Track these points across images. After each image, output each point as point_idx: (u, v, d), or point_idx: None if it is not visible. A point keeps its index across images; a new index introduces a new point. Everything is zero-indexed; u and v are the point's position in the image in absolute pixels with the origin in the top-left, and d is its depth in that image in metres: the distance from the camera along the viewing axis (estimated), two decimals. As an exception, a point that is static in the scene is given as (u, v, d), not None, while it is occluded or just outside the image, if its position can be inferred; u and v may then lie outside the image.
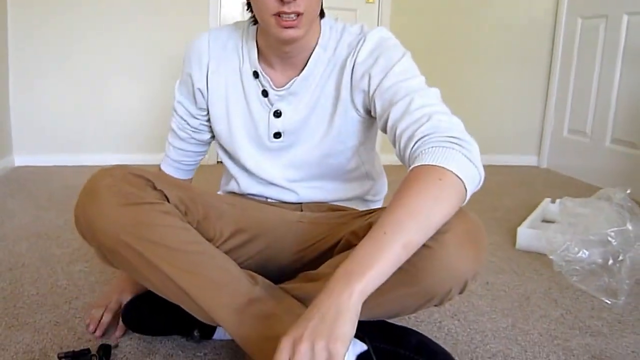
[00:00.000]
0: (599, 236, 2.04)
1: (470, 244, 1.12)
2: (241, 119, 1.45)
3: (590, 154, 3.69)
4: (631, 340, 1.59)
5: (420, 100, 1.21)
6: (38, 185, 3.04)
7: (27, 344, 1.44)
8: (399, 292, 1.17)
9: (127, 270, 1.26)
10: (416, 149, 1.13)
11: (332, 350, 0.90)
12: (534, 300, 1.84)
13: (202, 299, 1.22)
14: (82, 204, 1.21)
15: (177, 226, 1.24)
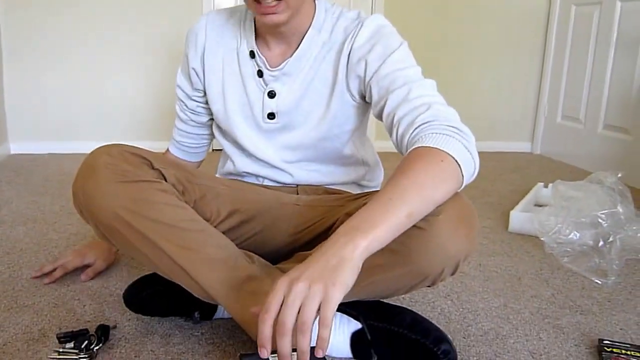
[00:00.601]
0: (590, 218, 2.07)
1: (462, 226, 1.15)
2: (237, 99, 1.47)
3: (583, 140, 3.72)
4: (620, 318, 1.62)
5: (419, 90, 1.25)
6: (34, 172, 3.05)
7: (26, 325, 1.46)
8: (392, 272, 1.19)
9: (124, 248, 1.27)
10: (416, 135, 1.16)
11: (329, 293, 0.91)
12: (525, 280, 1.87)
13: (199, 276, 1.24)
14: (80, 181, 1.22)
15: (174, 204, 1.26)
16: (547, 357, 1.41)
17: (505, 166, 3.66)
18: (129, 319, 1.51)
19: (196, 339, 1.43)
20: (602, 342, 1.44)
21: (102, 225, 1.23)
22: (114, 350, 1.36)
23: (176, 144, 1.65)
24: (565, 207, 2.15)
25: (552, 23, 4.04)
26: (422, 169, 1.07)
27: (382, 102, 1.29)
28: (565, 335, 1.52)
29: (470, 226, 1.16)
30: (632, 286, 1.85)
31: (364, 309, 1.36)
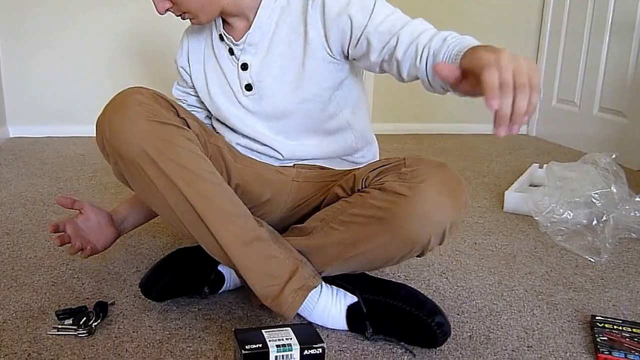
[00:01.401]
0: (584, 198, 2.09)
1: (446, 192, 1.17)
2: (217, 81, 1.49)
3: (578, 123, 3.72)
4: (613, 295, 1.64)
5: (424, 23, 1.30)
6: (32, 155, 3.05)
7: (25, 303, 1.47)
8: (378, 240, 1.22)
9: (141, 188, 1.27)
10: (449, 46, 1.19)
11: (530, 63, 0.90)
12: (519, 258, 1.88)
13: (214, 225, 1.26)
14: (109, 116, 1.23)
15: (197, 153, 1.27)
16: (540, 333, 1.42)
17: (501, 148, 3.66)
18: (126, 295, 1.52)
19: (193, 315, 1.44)
20: (594, 318, 1.46)
21: (125, 161, 1.23)
22: (112, 326, 1.38)
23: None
24: (559, 187, 2.16)
25: (547, 6, 4.02)
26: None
27: (392, 42, 1.27)
28: (558, 312, 1.53)
29: (454, 194, 1.18)
30: (624, 264, 1.86)
31: (359, 283, 1.38)
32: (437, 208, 1.16)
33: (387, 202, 1.18)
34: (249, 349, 1.00)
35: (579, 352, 1.35)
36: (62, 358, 1.24)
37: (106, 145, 1.25)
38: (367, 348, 1.32)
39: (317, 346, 1.03)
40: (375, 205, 1.20)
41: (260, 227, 1.32)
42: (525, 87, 0.87)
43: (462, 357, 1.30)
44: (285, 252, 1.31)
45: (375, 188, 1.23)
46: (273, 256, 1.29)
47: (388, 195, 1.19)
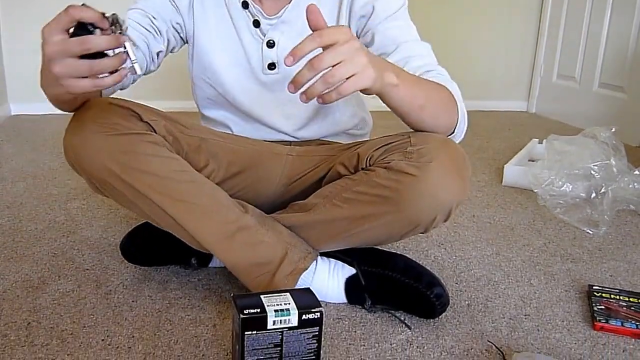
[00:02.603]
0: (583, 170, 2.07)
1: (454, 172, 1.15)
2: (232, 52, 1.43)
3: (578, 99, 3.70)
4: (610, 266, 1.63)
5: (427, 50, 1.33)
6: (34, 131, 3.05)
7: (25, 274, 1.47)
8: (384, 219, 1.20)
9: (118, 199, 1.26)
10: (436, 79, 1.23)
11: (366, 72, 0.96)
12: (518, 231, 1.87)
13: (191, 226, 1.24)
14: (69, 135, 1.20)
15: (164, 156, 1.24)
16: (538, 302, 1.42)
17: (501, 124, 3.65)
18: (127, 266, 1.52)
19: (193, 285, 1.43)
20: (591, 288, 1.45)
21: (94, 179, 1.22)
22: (112, 296, 1.37)
23: None
24: (558, 160, 2.15)
25: (549, -17, 3.99)
26: (442, 91, 1.21)
27: (389, 49, 1.31)
28: (555, 282, 1.53)
29: (462, 173, 1.17)
30: (622, 236, 1.85)
31: (358, 255, 1.37)
32: (445, 187, 1.14)
33: (394, 182, 1.15)
34: (247, 313, 1.00)
35: (576, 320, 1.34)
36: (62, 326, 1.24)
37: (74, 164, 1.22)
38: (366, 316, 1.32)
39: (315, 310, 1.03)
40: (381, 184, 1.18)
41: (245, 214, 1.29)
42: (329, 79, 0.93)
43: (460, 324, 1.30)
44: (274, 236, 1.28)
45: (381, 167, 1.19)
46: (260, 241, 1.26)
47: (395, 175, 1.16)
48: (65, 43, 0.90)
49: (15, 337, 1.20)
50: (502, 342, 1.24)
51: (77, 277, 1.46)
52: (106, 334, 1.22)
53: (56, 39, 0.91)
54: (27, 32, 3.43)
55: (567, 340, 1.26)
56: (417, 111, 1.14)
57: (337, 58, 0.93)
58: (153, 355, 1.15)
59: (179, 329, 1.25)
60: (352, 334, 1.25)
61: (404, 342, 1.23)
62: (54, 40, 0.91)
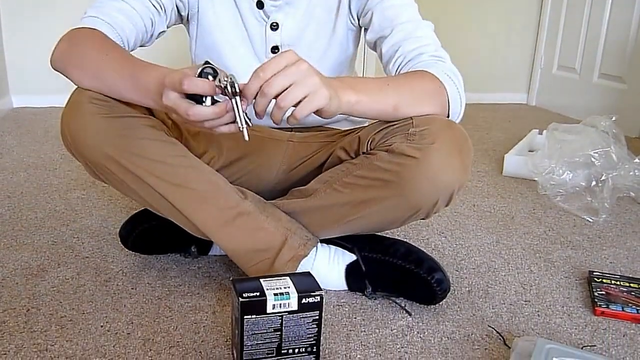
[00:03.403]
0: (583, 158, 2.06)
1: (456, 154, 1.12)
2: (235, 34, 1.39)
3: (578, 90, 3.68)
4: (610, 253, 1.62)
5: (424, 30, 1.29)
6: (36, 123, 3.03)
7: (25, 261, 1.46)
8: (386, 203, 1.18)
9: (115, 185, 1.24)
10: (420, 64, 1.22)
11: (319, 92, 0.97)
12: (518, 219, 1.86)
13: (190, 212, 1.22)
14: (66, 118, 1.17)
15: (162, 140, 1.21)
16: (538, 288, 1.40)
17: (501, 116, 3.63)
18: (126, 254, 1.51)
19: (193, 273, 1.42)
20: (592, 274, 1.44)
21: (92, 163, 1.19)
22: (111, 283, 1.36)
23: (104, 18, 1.26)
24: (559, 149, 2.13)
25: (549, -26, 3.97)
26: (420, 81, 1.17)
27: (386, 32, 1.30)
28: (555, 269, 1.51)
29: (464, 155, 1.14)
30: (622, 224, 1.84)
31: (358, 241, 1.35)
32: (447, 169, 1.11)
33: (396, 165, 1.13)
34: (247, 296, 0.98)
35: (576, 306, 1.33)
36: (61, 313, 1.23)
37: (70, 148, 1.19)
38: (366, 303, 1.30)
39: (315, 294, 1.01)
40: (382, 167, 1.15)
41: (244, 200, 1.26)
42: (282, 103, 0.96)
43: (461, 310, 1.29)
44: (274, 222, 1.26)
45: (382, 150, 1.17)
46: (260, 228, 1.24)
47: (396, 158, 1.13)
48: (175, 104, 0.98)
49: (14, 323, 1.18)
50: (502, 327, 1.23)
51: (77, 264, 1.45)
52: (105, 321, 1.21)
53: (172, 95, 0.98)
54: (29, 25, 3.42)
55: (568, 325, 1.25)
56: (392, 112, 1.14)
57: (285, 81, 0.94)
58: (152, 341, 1.14)
59: (179, 315, 1.24)
60: (352, 320, 1.24)
61: (405, 328, 1.21)
62: (171, 95, 0.99)
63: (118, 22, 1.25)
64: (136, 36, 1.29)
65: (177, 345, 1.13)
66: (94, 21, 1.25)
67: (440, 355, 1.13)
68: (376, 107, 1.11)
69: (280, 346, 1.03)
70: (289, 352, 1.04)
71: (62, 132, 1.19)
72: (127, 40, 1.27)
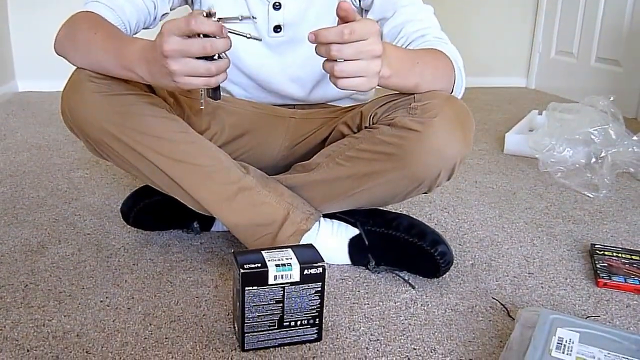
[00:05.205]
0: (582, 135, 2.01)
1: (458, 126, 1.09)
2: (238, 14, 1.36)
3: (576, 73, 3.62)
4: (611, 227, 1.57)
5: (426, 13, 1.26)
6: (41, 107, 2.97)
7: (25, 238, 1.41)
8: (388, 176, 1.14)
9: (116, 162, 1.20)
10: (430, 43, 1.19)
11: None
12: (520, 195, 1.81)
13: (192, 188, 1.19)
14: (66, 95, 1.14)
15: (163, 116, 1.18)
16: (541, 261, 1.36)
17: (501, 99, 3.56)
18: (128, 231, 1.46)
19: (195, 248, 1.37)
20: (594, 246, 1.39)
21: (92, 140, 1.16)
22: (112, 259, 1.31)
23: (105, 1, 1.23)
24: (559, 127, 2.09)
25: (546, -42, 3.90)
26: (440, 61, 1.15)
27: (387, 14, 1.26)
28: (558, 242, 1.46)
29: (465, 127, 1.11)
30: (622, 199, 1.79)
31: (361, 215, 1.30)
32: (449, 142, 1.08)
33: (398, 138, 1.10)
34: (248, 268, 0.93)
35: (579, 278, 1.28)
36: (60, 288, 1.18)
37: (72, 127, 1.16)
38: (369, 276, 1.26)
39: (318, 265, 0.96)
40: (385, 141, 1.12)
41: (246, 175, 1.22)
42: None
43: (464, 283, 1.24)
44: (276, 197, 1.22)
45: (385, 124, 1.14)
46: (262, 202, 1.20)
47: (399, 131, 1.10)
48: (185, 44, 0.90)
49: (11, 299, 1.14)
50: (506, 299, 1.18)
51: (78, 241, 1.40)
52: (105, 296, 1.16)
53: (176, 39, 0.90)
54: (35, 10, 3.36)
55: (571, 297, 1.20)
56: (412, 89, 1.11)
57: (355, 55, 0.90)
58: (153, 315, 1.09)
59: (180, 290, 1.19)
60: (355, 293, 1.19)
61: (408, 301, 1.17)
62: (174, 39, 0.89)
63: (118, 4, 1.22)
64: (138, 18, 1.26)
65: (177, 319, 1.08)
66: (95, 6, 1.22)
67: (444, 327, 1.08)
68: (402, 83, 1.08)
69: (282, 318, 0.98)
70: (291, 324, 0.99)
71: (62, 109, 1.16)
72: (129, 22, 1.24)
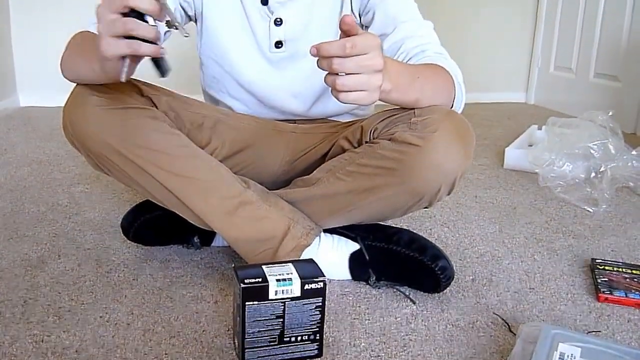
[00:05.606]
0: (582, 150, 2.01)
1: (458, 140, 1.09)
2: (239, 30, 1.35)
3: (575, 89, 3.62)
4: (611, 242, 1.57)
5: (426, 29, 1.28)
6: (42, 122, 2.96)
7: (25, 253, 1.40)
8: (389, 191, 1.14)
9: (117, 176, 1.20)
10: (430, 59, 1.19)
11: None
12: (520, 210, 1.80)
13: (192, 202, 1.19)
14: (68, 109, 1.14)
15: (165, 131, 1.18)
16: (542, 276, 1.35)
17: (500, 114, 3.56)
18: (128, 246, 1.45)
19: (195, 264, 1.37)
20: (594, 261, 1.39)
21: (93, 154, 1.16)
22: (112, 275, 1.30)
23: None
24: (558, 142, 2.09)
25: (545, -25, 3.91)
26: (440, 76, 1.15)
27: (387, 30, 1.27)
28: (558, 257, 1.46)
29: (465, 142, 1.11)
30: (622, 214, 1.79)
31: (361, 230, 1.30)
32: (450, 157, 1.08)
33: (398, 153, 1.09)
34: (248, 282, 0.93)
35: (579, 293, 1.27)
36: (59, 304, 1.17)
37: (73, 140, 1.16)
38: (370, 292, 1.25)
39: (318, 280, 0.96)
40: (385, 155, 1.11)
41: (247, 189, 1.22)
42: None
43: (465, 298, 1.23)
44: (276, 211, 1.21)
45: (385, 138, 1.13)
46: (263, 217, 1.20)
47: (399, 146, 1.09)
48: (112, 19, 0.85)
49: (10, 314, 1.13)
50: (507, 314, 1.17)
51: (78, 256, 1.39)
52: (105, 311, 1.15)
53: (110, 16, 0.85)
54: (37, 25, 3.37)
55: (573, 312, 1.19)
56: (413, 104, 1.11)
57: (356, 69, 0.90)
58: (152, 331, 1.08)
59: (180, 305, 1.18)
60: (356, 308, 1.19)
61: (409, 316, 1.16)
62: (107, 17, 0.86)
63: None
64: None
65: (177, 335, 1.07)
66: (94, 27, 1.21)
67: (445, 342, 1.07)
68: (402, 98, 1.08)
69: (283, 334, 0.98)
70: (292, 339, 0.99)
71: (64, 123, 1.16)
72: None
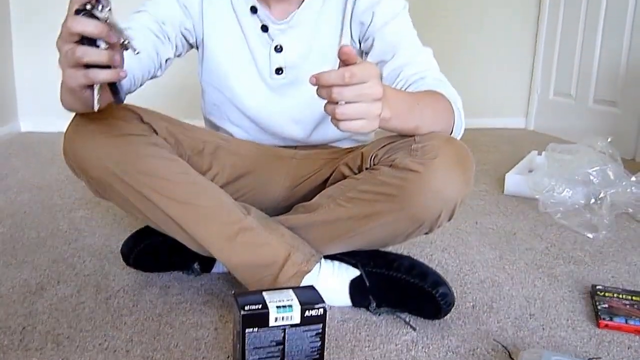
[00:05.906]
0: (582, 176, 2.02)
1: (458, 167, 1.10)
2: (240, 57, 1.37)
3: (574, 115, 3.64)
4: (612, 268, 1.56)
5: (425, 56, 1.29)
6: (43, 147, 2.98)
7: (24, 279, 1.40)
8: (389, 217, 1.14)
9: (117, 202, 1.20)
10: (426, 87, 1.20)
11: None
12: (520, 236, 1.80)
13: (192, 228, 1.18)
14: (69, 135, 1.15)
15: (165, 157, 1.18)
16: (542, 302, 1.34)
17: (500, 140, 3.58)
18: (128, 272, 1.44)
19: (195, 290, 1.36)
20: (595, 288, 1.38)
21: (94, 180, 1.16)
22: (112, 301, 1.30)
23: None
24: (558, 168, 2.10)
25: (544, 5, 3.93)
26: (440, 104, 1.16)
27: (387, 57, 1.28)
28: (559, 283, 1.45)
29: (465, 168, 1.11)
30: (622, 240, 1.78)
31: (361, 256, 1.29)
32: (450, 183, 1.08)
33: (398, 179, 1.10)
34: (248, 309, 0.93)
35: (580, 319, 1.27)
36: (58, 330, 1.17)
37: (73, 165, 1.17)
38: (370, 318, 1.24)
39: (319, 306, 0.96)
40: (386, 182, 1.12)
41: (247, 216, 1.22)
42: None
43: (465, 325, 1.23)
44: (277, 238, 1.21)
45: (386, 165, 1.14)
46: (263, 243, 1.20)
47: (399, 172, 1.10)
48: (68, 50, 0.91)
49: (8, 341, 1.12)
50: (508, 341, 1.17)
51: (77, 282, 1.39)
52: (104, 338, 1.14)
53: (64, 48, 0.91)
54: (38, 52, 3.39)
55: (573, 338, 1.19)
56: (412, 131, 1.11)
57: (356, 98, 0.90)
58: (152, 358, 1.08)
59: (180, 332, 1.17)
60: (356, 335, 1.18)
61: (409, 343, 1.15)
62: (63, 49, 0.91)
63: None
64: (141, 68, 1.25)
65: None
66: None
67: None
68: (402, 125, 1.08)
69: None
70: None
71: (65, 149, 1.16)
72: (133, 75, 1.22)
